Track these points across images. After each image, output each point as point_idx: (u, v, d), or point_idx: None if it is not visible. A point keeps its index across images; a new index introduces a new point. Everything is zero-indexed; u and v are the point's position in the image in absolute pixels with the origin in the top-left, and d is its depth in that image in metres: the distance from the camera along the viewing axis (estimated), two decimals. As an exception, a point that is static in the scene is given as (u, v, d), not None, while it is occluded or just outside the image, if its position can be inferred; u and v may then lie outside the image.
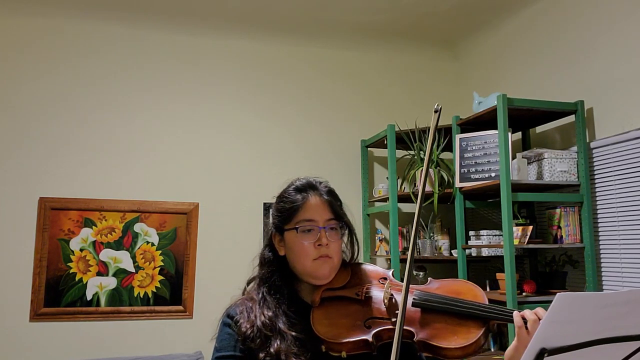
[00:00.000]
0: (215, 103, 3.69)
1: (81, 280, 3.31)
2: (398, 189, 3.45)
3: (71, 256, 3.31)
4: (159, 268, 3.43)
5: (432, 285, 1.24)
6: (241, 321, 1.18)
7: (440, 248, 3.45)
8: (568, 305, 0.80)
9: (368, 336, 1.12)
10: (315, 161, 3.77)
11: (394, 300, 1.18)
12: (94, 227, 3.36)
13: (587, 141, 2.79)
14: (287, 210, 1.25)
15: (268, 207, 3.56)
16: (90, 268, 3.33)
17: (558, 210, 2.78)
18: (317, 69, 3.92)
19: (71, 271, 3.30)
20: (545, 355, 0.80)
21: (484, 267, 3.49)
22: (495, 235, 3.01)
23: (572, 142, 2.90)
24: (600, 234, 2.73)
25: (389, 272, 1.28)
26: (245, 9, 3.36)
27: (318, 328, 1.15)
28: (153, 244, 3.44)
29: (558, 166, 2.74)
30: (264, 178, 3.63)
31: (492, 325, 1.12)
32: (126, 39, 3.58)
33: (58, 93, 3.43)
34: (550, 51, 3.15)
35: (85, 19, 3.45)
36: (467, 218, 3.20)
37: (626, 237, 2.58)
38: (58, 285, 3.27)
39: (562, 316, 0.80)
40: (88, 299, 3.30)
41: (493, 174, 2.84)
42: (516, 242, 2.66)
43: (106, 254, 3.36)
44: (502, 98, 2.68)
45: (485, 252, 3.12)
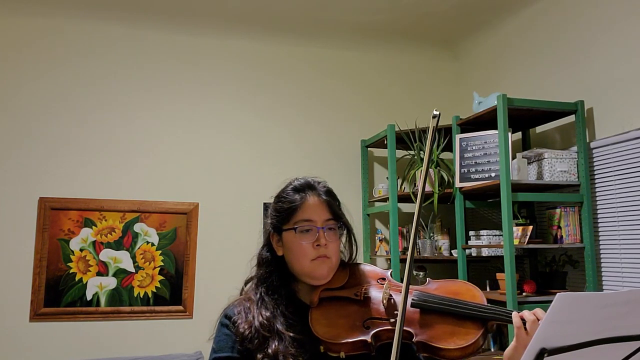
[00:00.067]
0: (215, 103, 3.69)
1: (81, 280, 3.31)
2: (398, 189, 3.45)
3: (71, 256, 3.31)
4: (159, 268, 3.44)
5: (431, 285, 1.24)
6: (239, 322, 1.17)
7: (440, 248, 3.45)
8: (568, 305, 0.80)
9: (367, 337, 1.12)
10: (315, 161, 3.77)
11: (393, 300, 1.18)
12: (94, 227, 3.36)
13: (587, 141, 2.79)
14: (286, 210, 1.25)
15: (268, 207, 3.54)
16: (90, 268, 3.33)
17: (558, 210, 2.78)
18: (317, 69, 3.92)
19: (71, 271, 3.30)
20: (545, 355, 0.80)
21: (484, 267, 3.49)
22: (495, 235, 3.01)
23: (572, 142, 2.90)
24: (600, 234, 2.73)
25: (388, 273, 1.27)
26: (245, 9, 3.36)
27: (316, 328, 1.14)
28: (153, 244, 3.44)
29: (558, 166, 2.74)
30: (264, 178, 3.63)
31: (491, 326, 1.12)
32: (126, 39, 3.58)
33: (58, 93, 3.43)
34: (550, 51, 3.15)
35: (85, 19, 3.45)
36: (467, 218, 3.20)
37: (626, 237, 2.58)
38: (58, 285, 3.27)
39: (562, 316, 0.80)
40: (88, 299, 3.30)
41: (493, 174, 2.84)
42: (516, 242, 2.66)
43: (106, 254, 3.37)
44: (502, 98, 2.68)
45: (485, 252, 3.11)
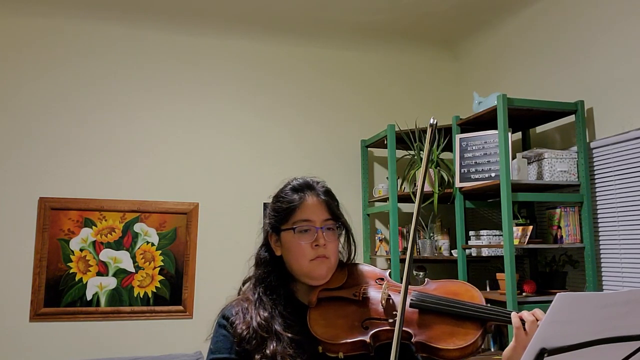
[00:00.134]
0: (215, 103, 3.69)
1: (81, 280, 3.31)
2: (398, 189, 3.45)
3: (71, 256, 3.31)
4: (159, 268, 3.43)
5: (429, 286, 1.23)
6: (237, 322, 1.16)
7: (440, 248, 3.45)
8: (568, 305, 0.80)
9: (366, 337, 1.11)
10: (315, 161, 3.77)
11: (392, 301, 1.18)
12: (94, 227, 3.36)
13: (587, 141, 2.79)
14: (284, 210, 1.24)
15: (268, 207, 3.55)
16: (90, 268, 3.33)
17: (558, 210, 2.78)
18: (317, 69, 3.92)
19: (71, 271, 3.30)
20: (545, 355, 0.80)
21: (484, 267, 3.49)
22: (495, 235, 3.01)
23: (572, 142, 2.90)
24: (600, 234, 2.73)
25: (386, 273, 1.27)
26: (245, 9, 3.36)
27: (315, 329, 1.14)
28: (153, 244, 3.44)
29: (558, 166, 2.74)
30: (264, 178, 3.62)
31: (490, 326, 1.12)
32: (126, 39, 3.58)
33: (58, 93, 3.43)
34: (550, 51, 3.15)
35: (85, 19, 3.45)
36: (467, 218, 3.20)
37: (626, 237, 2.58)
38: (58, 285, 3.26)
39: (562, 316, 0.80)
40: (88, 299, 3.30)
41: (493, 174, 2.84)
42: (516, 242, 2.66)
43: (106, 254, 3.36)
44: (502, 98, 2.68)
45: (485, 252, 3.11)
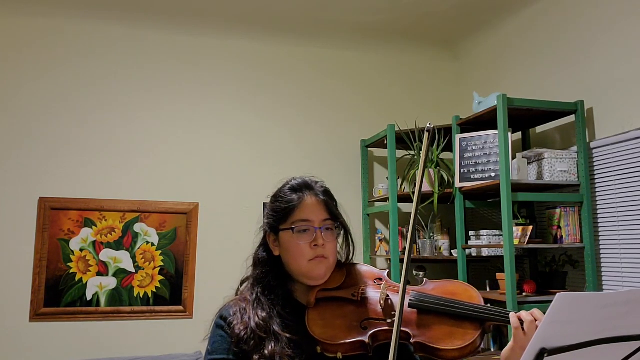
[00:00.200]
0: (215, 103, 3.69)
1: (81, 280, 3.31)
2: (398, 189, 3.45)
3: (71, 256, 3.31)
4: (159, 268, 3.43)
5: (428, 286, 1.23)
6: (235, 323, 1.16)
7: (440, 248, 3.45)
8: (568, 305, 0.80)
9: (364, 337, 1.11)
10: (315, 161, 3.77)
11: (390, 301, 1.17)
12: (94, 227, 3.36)
13: (587, 141, 2.79)
14: (283, 210, 1.24)
15: (268, 207, 3.55)
16: (90, 268, 3.33)
17: (558, 210, 2.78)
18: (317, 69, 3.92)
19: (71, 271, 3.30)
20: (545, 355, 0.80)
21: (484, 267, 3.49)
22: (495, 235, 3.01)
23: (572, 142, 2.90)
24: (600, 234, 2.73)
25: (384, 273, 1.27)
26: (245, 9, 3.36)
27: (313, 329, 1.14)
28: (153, 244, 3.44)
29: (558, 166, 2.74)
30: (264, 178, 3.62)
31: (488, 326, 1.12)
32: (126, 39, 3.58)
33: (58, 93, 3.43)
34: (550, 51, 3.15)
35: (85, 19, 3.45)
36: (467, 218, 3.20)
37: (626, 237, 2.58)
38: (58, 285, 3.26)
39: (562, 316, 0.80)
40: (88, 299, 3.30)
41: (493, 174, 2.84)
42: (516, 242, 2.66)
43: (106, 254, 3.36)
44: (502, 98, 2.68)
45: (485, 252, 3.11)
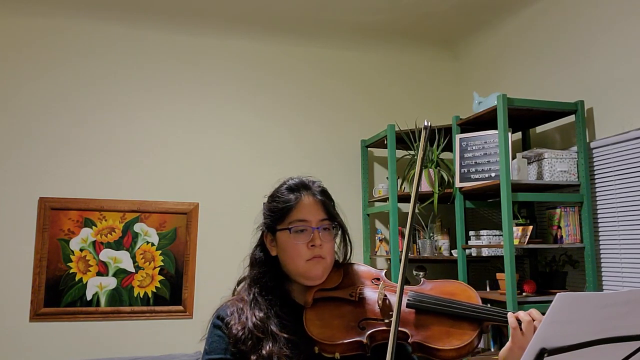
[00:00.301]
0: (215, 103, 3.69)
1: (81, 280, 3.31)
2: (398, 189, 3.45)
3: (71, 256, 3.31)
4: (159, 268, 3.43)
5: (426, 286, 1.23)
6: (232, 323, 1.16)
7: (440, 248, 3.44)
8: (568, 305, 0.80)
9: (362, 337, 1.11)
10: (315, 161, 3.76)
11: (388, 301, 1.17)
12: (94, 227, 3.36)
13: (587, 141, 2.79)
14: (280, 210, 1.24)
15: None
16: (90, 268, 3.33)
17: (558, 210, 2.78)
18: (317, 69, 3.92)
19: (71, 271, 3.30)
20: (545, 355, 0.80)
21: (484, 267, 3.49)
22: (495, 235, 3.01)
23: (572, 142, 2.90)
24: (600, 234, 2.73)
25: (382, 273, 1.27)
26: (245, 9, 3.36)
27: (311, 329, 1.14)
28: (153, 244, 3.44)
29: (558, 166, 2.74)
30: (264, 178, 3.59)
31: (486, 326, 1.12)
32: (126, 39, 3.58)
33: (58, 93, 3.43)
34: (550, 51, 3.15)
35: (85, 19, 3.45)
36: (467, 218, 3.20)
37: (626, 237, 2.58)
38: (58, 285, 3.26)
39: (562, 316, 0.80)
40: (88, 299, 3.30)
41: (493, 174, 2.84)
42: (516, 242, 2.66)
43: (106, 254, 3.36)
44: (502, 98, 2.68)
45: (485, 252, 3.11)
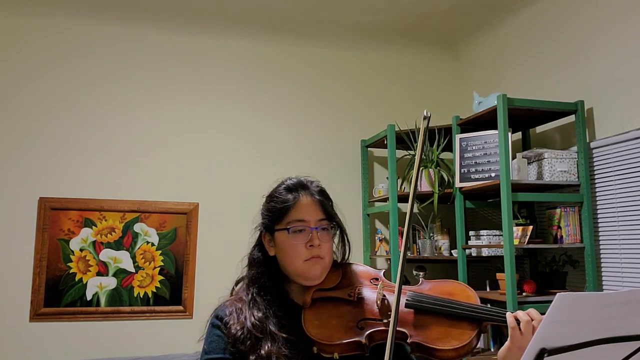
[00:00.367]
0: (215, 103, 3.69)
1: (81, 280, 3.31)
2: (398, 189, 3.45)
3: (71, 256, 3.31)
4: (159, 268, 3.43)
5: (424, 286, 1.23)
6: (231, 323, 1.16)
7: (440, 248, 3.44)
8: (568, 305, 0.80)
9: (361, 337, 1.11)
10: (315, 161, 3.76)
11: (387, 301, 1.17)
12: (94, 227, 3.36)
13: (587, 141, 2.79)
14: (278, 210, 1.24)
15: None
16: (90, 268, 3.33)
17: (558, 210, 2.78)
18: (317, 69, 3.92)
19: (71, 271, 3.30)
20: (545, 355, 0.80)
21: (484, 267, 3.49)
22: (495, 235, 3.01)
23: (572, 142, 2.90)
24: (600, 234, 2.73)
25: (380, 273, 1.27)
26: (245, 9, 3.36)
27: (309, 329, 1.14)
28: (153, 244, 3.44)
29: (558, 166, 2.74)
30: (264, 178, 3.59)
31: (485, 326, 1.12)
32: (126, 39, 3.58)
33: (58, 93, 3.43)
34: (550, 51, 3.15)
35: (85, 19, 3.45)
36: (467, 218, 3.20)
37: (626, 237, 2.58)
38: (58, 285, 3.26)
39: (562, 316, 0.80)
40: (88, 299, 3.30)
41: (493, 174, 2.84)
42: (516, 242, 2.66)
43: (106, 254, 3.36)
44: (502, 98, 2.68)
45: (485, 252, 3.11)
